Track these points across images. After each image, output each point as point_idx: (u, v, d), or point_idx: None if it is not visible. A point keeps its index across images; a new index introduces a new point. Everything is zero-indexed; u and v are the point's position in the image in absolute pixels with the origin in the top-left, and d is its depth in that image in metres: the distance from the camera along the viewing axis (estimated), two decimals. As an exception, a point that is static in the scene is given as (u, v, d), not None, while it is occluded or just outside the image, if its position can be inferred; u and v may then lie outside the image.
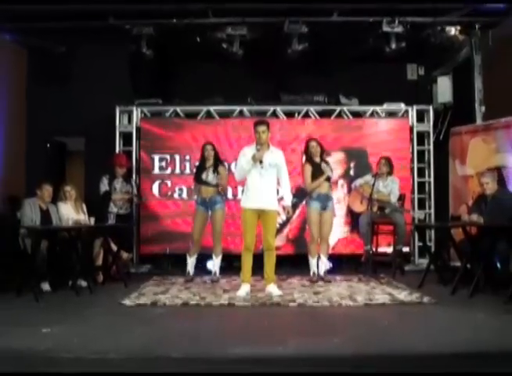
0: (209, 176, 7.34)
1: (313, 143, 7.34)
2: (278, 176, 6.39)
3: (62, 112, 9.16)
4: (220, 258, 7.46)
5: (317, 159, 7.30)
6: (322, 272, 7.30)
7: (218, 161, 7.45)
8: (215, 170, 7.34)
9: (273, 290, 6.27)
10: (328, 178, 7.25)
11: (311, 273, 7.29)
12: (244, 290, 6.28)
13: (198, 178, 7.41)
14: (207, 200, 7.33)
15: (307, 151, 7.37)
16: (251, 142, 6.52)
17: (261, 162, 6.18)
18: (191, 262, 7.48)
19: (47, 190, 7.01)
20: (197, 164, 7.63)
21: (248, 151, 6.31)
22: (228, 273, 7.65)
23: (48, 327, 4.61)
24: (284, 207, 6.70)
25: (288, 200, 6.49)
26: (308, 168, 7.24)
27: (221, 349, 4.00)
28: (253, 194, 6.28)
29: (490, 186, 6.63)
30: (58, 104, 9.18)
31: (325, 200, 7.20)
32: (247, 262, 6.36)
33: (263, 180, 6.25)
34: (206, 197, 7.34)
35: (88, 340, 4.23)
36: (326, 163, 7.35)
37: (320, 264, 7.32)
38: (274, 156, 6.33)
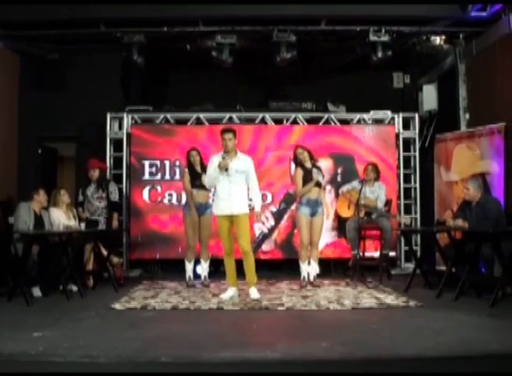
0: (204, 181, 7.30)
1: (299, 150, 7.33)
2: (247, 182, 6.34)
3: (53, 118, 9.13)
4: (208, 262, 7.46)
5: (308, 164, 7.26)
6: (311, 277, 7.30)
7: (204, 167, 7.26)
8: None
9: (252, 292, 6.23)
10: (319, 184, 7.23)
11: (302, 278, 7.24)
12: (229, 294, 6.29)
13: (195, 184, 7.26)
14: (203, 204, 7.29)
15: (296, 158, 7.37)
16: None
17: (226, 170, 6.15)
18: (191, 267, 7.44)
19: (44, 195, 7.02)
20: (186, 170, 7.40)
21: (216, 159, 6.28)
22: (216, 278, 7.63)
23: (39, 331, 4.58)
24: (255, 214, 6.46)
25: (258, 206, 6.41)
26: (300, 173, 7.20)
27: (209, 353, 3.98)
28: (222, 201, 6.26)
29: (471, 192, 6.64)
30: (50, 110, 9.14)
31: (314, 206, 7.16)
32: (230, 266, 6.36)
33: (232, 186, 6.20)
34: (202, 201, 7.29)
35: (78, 344, 4.20)
36: (318, 168, 7.31)
37: (310, 269, 7.30)
38: (242, 162, 6.29)
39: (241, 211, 6.23)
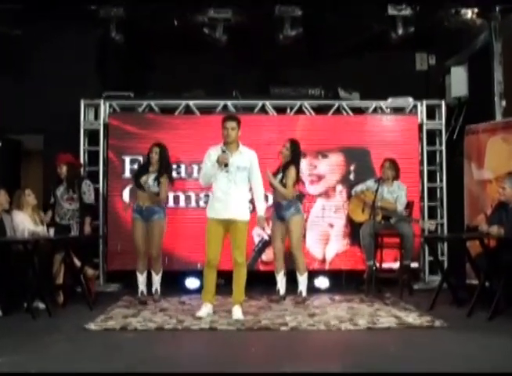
0: (149, 181, 7.33)
1: (284, 144, 7.49)
2: (250, 181, 6.32)
3: (17, 105, 9.09)
4: (160, 275, 7.51)
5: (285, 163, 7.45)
6: (298, 292, 7.34)
7: (162, 169, 7.42)
8: (157, 178, 7.33)
9: (236, 312, 6.22)
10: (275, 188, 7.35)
11: (276, 291, 7.41)
12: (204, 311, 6.28)
13: (136, 182, 7.44)
14: (144, 208, 7.34)
15: None
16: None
17: (226, 165, 6.13)
18: (142, 279, 7.47)
19: (4, 195, 7.01)
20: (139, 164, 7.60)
21: (213, 153, 6.25)
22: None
23: (-1, 356, 4.56)
24: (258, 219, 6.42)
25: (261, 209, 6.35)
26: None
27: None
28: (218, 202, 6.24)
29: (507, 191, 6.68)
30: (13, 96, 9.10)
31: (280, 209, 7.29)
32: (209, 280, 6.35)
33: (231, 186, 6.18)
34: (142, 205, 7.36)
35: (45, 371, 4.19)
36: (285, 173, 7.32)
37: (299, 284, 7.38)
38: (244, 158, 6.26)
39: (240, 218, 6.20)
